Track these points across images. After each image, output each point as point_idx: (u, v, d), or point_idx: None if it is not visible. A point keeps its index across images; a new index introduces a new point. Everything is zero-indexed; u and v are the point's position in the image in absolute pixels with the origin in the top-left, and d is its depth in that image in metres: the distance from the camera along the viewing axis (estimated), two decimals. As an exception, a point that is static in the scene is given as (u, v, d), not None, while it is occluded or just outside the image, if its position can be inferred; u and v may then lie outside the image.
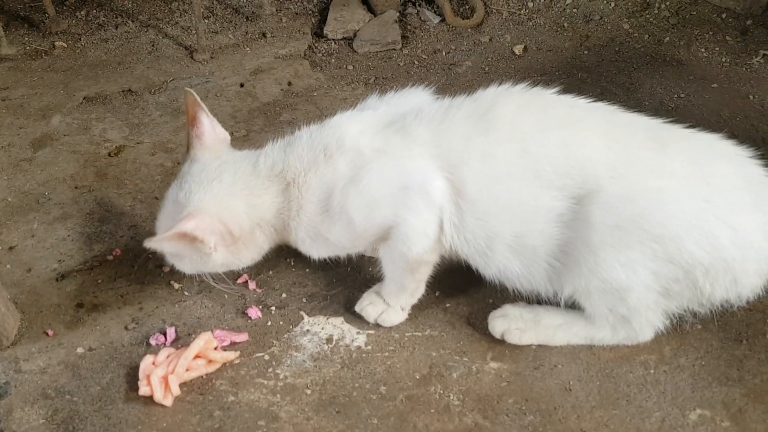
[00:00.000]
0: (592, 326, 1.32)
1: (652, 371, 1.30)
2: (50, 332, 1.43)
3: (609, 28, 2.43)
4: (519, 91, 1.29)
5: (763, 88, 2.07)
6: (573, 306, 1.33)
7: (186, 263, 1.36)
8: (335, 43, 2.45)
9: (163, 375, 1.28)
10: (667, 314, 1.27)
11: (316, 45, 2.44)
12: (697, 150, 1.23)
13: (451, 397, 1.28)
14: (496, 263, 1.28)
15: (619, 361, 1.32)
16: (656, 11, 2.47)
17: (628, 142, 1.21)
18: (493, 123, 1.24)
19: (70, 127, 2.04)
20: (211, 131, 1.42)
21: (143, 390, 1.27)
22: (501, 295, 1.44)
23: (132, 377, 1.33)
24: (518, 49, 2.35)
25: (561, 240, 1.22)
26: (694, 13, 2.48)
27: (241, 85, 2.22)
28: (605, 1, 2.53)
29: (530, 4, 2.56)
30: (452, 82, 2.22)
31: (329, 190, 1.28)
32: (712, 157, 1.24)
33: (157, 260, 1.58)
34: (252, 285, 1.53)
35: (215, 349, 1.35)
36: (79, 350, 1.40)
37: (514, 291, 1.35)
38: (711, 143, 1.29)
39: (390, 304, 1.40)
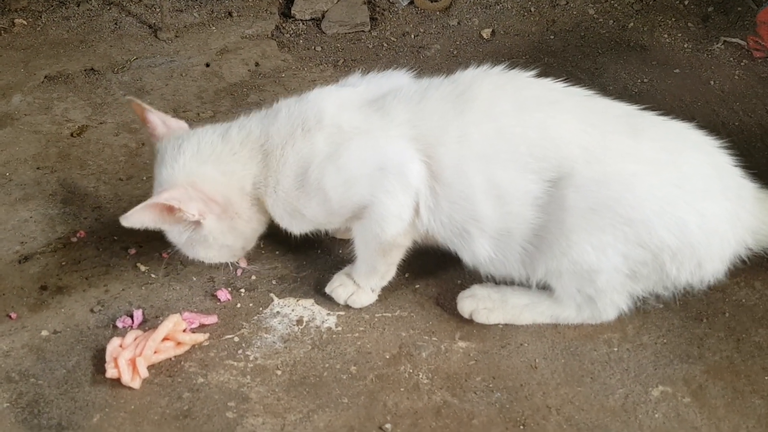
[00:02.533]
0: (558, 305, 1.34)
1: (615, 349, 1.33)
2: (13, 315, 1.39)
3: (575, 13, 2.45)
4: (496, 73, 1.29)
5: (724, 74, 2.12)
6: (543, 288, 1.35)
7: (200, 248, 1.36)
8: (303, 23, 2.41)
9: (131, 357, 1.26)
10: (632, 296, 1.30)
11: (284, 25, 2.41)
12: (669, 137, 1.25)
13: (420, 376, 1.29)
14: (471, 247, 1.28)
15: (583, 339, 1.35)
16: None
17: (604, 127, 1.23)
18: (469, 103, 1.24)
19: (31, 106, 1.98)
20: (162, 126, 1.42)
21: (110, 372, 1.25)
22: (469, 276, 1.45)
23: (99, 360, 1.30)
24: (486, 33, 2.35)
25: (535, 224, 1.23)
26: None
27: (207, 65, 2.18)
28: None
29: (498, -12, 2.56)
30: (421, 66, 2.21)
31: (306, 165, 1.27)
32: (684, 144, 1.27)
33: (122, 242, 1.56)
34: (243, 263, 1.51)
35: (184, 331, 1.33)
36: (44, 333, 1.37)
37: (487, 275, 1.37)
38: (682, 131, 1.31)
39: (360, 286, 1.40)
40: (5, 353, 1.32)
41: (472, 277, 1.44)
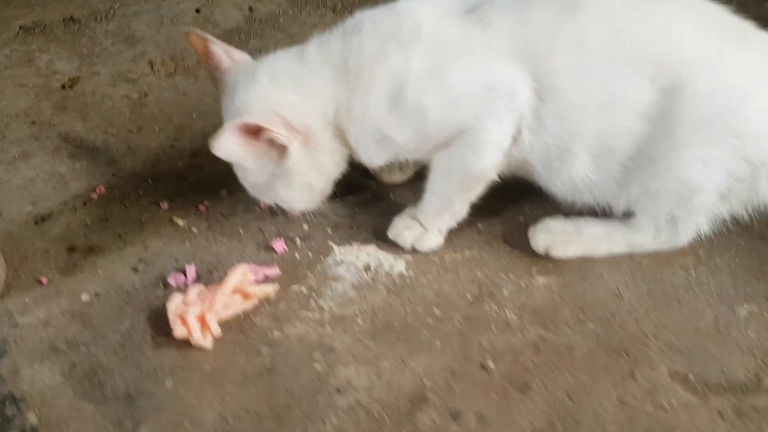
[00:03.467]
0: (635, 232, 1.28)
1: (693, 273, 1.29)
2: (44, 280, 1.22)
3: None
4: None
5: None
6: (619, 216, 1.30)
7: (282, 188, 1.21)
8: (292, -33, 2.26)
9: (200, 313, 1.13)
10: (715, 217, 1.26)
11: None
12: None
13: (508, 314, 1.21)
14: (569, 170, 1.19)
15: (659, 266, 1.30)
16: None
17: (717, 33, 1.14)
18: (581, 5, 1.12)
19: (9, 59, 1.75)
20: (227, 58, 1.25)
21: (179, 332, 1.11)
22: (531, 212, 1.38)
23: (156, 321, 1.15)
24: None
25: (641, 138, 1.14)
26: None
27: (198, 11, 1.98)
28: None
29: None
30: None
31: (401, 83, 1.14)
32: None
33: (150, 197, 1.39)
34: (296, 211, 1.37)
35: (252, 282, 1.20)
36: (84, 297, 1.20)
37: (568, 203, 1.29)
38: None
39: (427, 228, 1.30)
40: (44, 322, 1.15)
41: (535, 213, 1.37)
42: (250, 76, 1.16)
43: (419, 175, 1.38)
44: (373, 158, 1.24)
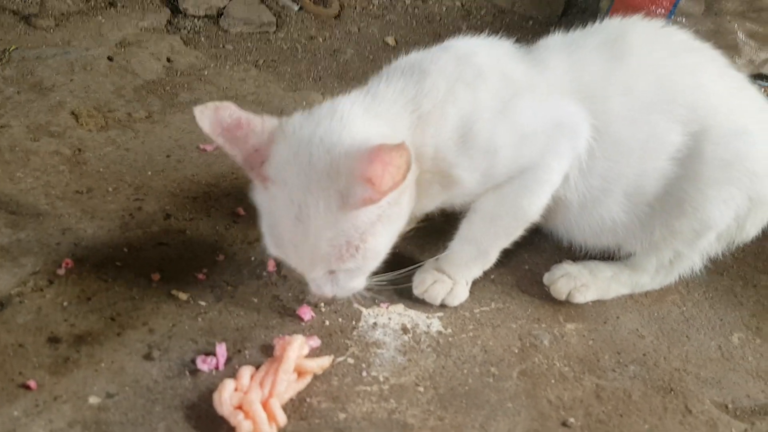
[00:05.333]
0: (636, 273, 1.30)
1: (684, 308, 1.35)
2: (31, 384, 0.90)
3: (451, 28, 2.50)
4: (640, 20, 1.18)
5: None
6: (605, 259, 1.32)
7: (381, 233, 0.98)
8: (198, 19, 2.04)
9: (263, 400, 0.90)
10: (706, 256, 1.32)
11: (177, 20, 2.00)
12: (758, 95, 1.31)
13: (558, 365, 1.15)
14: (600, 212, 1.17)
15: (657, 304, 1.34)
16: (478, 17, 2.63)
17: (728, 82, 1.20)
18: (627, 52, 1.12)
19: None
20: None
21: (245, 428, 0.87)
22: (531, 260, 1.36)
23: (198, 418, 0.90)
24: (391, 40, 2.26)
25: (670, 179, 1.16)
26: (508, 20, 2.70)
27: (110, 59, 1.70)
28: (438, 4, 2.60)
29: (375, 1, 2.50)
30: (343, 69, 2.03)
31: (471, 123, 1.04)
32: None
33: (134, 268, 1.12)
34: (271, 266, 1.19)
35: (304, 356, 1.00)
36: (92, 400, 0.90)
37: (578, 248, 1.28)
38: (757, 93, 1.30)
39: (456, 280, 1.21)
40: (47, 440, 0.84)
41: (535, 261, 1.35)
42: (334, 115, 0.98)
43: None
44: (427, 204, 1.12)
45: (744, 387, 1.18)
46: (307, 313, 1.12)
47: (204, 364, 0.98)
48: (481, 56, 1.10)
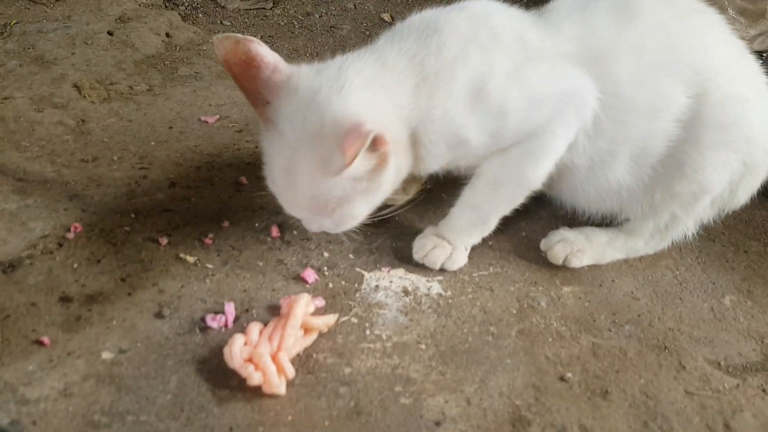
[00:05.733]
0: (632, 238, 1.33)
1: (677, 272, 1.38)
2: (45, 340, 0.92)
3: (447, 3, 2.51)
4: None
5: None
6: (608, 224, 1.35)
7: (362, 202, 1.03)
8: (196, -4, 2.05)
9: (272, 354, 0.93)
10: (699, 221, 1.35)
11: (174, -4, 2.02)
12: (754, 64, 1.31)
13: (555, 324, 1.18)
14: (607, 175, 1.19)
15: (651, 269, 1.37)
16: None
17: (731, 48, 1.21)
18: (637, 13, 1.13)
19: None
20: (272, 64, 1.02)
21: (255, 379, 0.90)
22: (529, 227, 1.39)
23: (209, 372, 0.93)
24: (387, 17, 2.28)
25: (674, 141, 1.17)
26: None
27: (110, 33, 1.71)
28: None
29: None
30: (340, 45, 2.04)
31: (483, 85, 1.06)
32: (759, 71, 1.28)
33: (142, 233, 1.14)
34: (275, 232, 1.21)
35: (311, 314, 1.02)
36: (105, 355, 0.93)
37: (583, 213, 1.30)
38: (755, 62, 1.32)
39: (455, 245, 1.24)
40: (63, 392, 0.86)
41: (532, 228, 1.38)
42: (337, 80, 1.00)
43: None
44: (431, 165, 1.14)
45: (736, 346, 1.21)
46: (311, 276, 1.14)
47: (213, 322, 1.00)
48: (497, 18, 1.11)
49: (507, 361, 1.08)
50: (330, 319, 1.04)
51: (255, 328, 0.97)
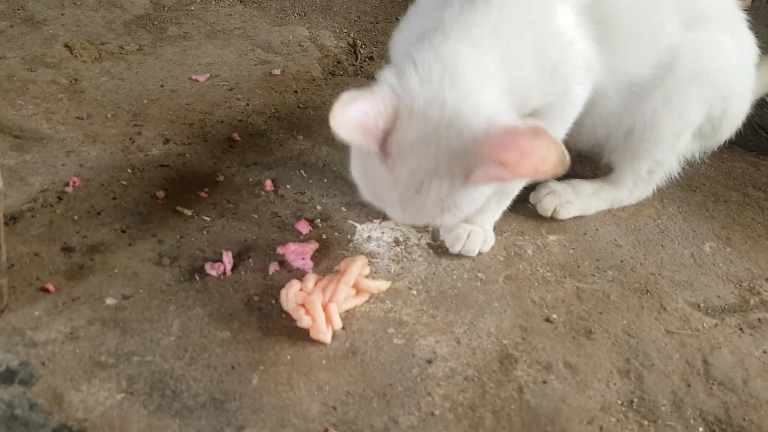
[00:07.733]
0: (616, 188, 1.37)
1: (659, 221, 1.42)
2: (49, 287, 0.95)
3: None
4: None
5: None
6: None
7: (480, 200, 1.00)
8: (182, -43, 2.04)
9: (324, 303, 0.98)
10: (682, 158, 1.38)
11: (161, -43, 2.00)
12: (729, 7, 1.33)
13: (541, 270, 1.22)
14: (605, 108, 1.23)
15: (633, 218, 1.41)
16: None
17: None
18: None
19: None
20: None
21: (305, 322, 0.95)
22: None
23: (210, 316, 0.96)
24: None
25: (663, 68, 1.21)
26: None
27: (100, -5, 1.71)
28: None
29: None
30: (327, 4, 2.03)
31: (543, 49, 1.07)
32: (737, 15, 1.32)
33: (139, 187, 1.16)
34: (268, 186, 1.24)
35: (365, 276, 1.06)
36: (109, 301, 0.96)
37: (580, 147, 1.33)
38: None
39: (485, 226, 1.24)
40: (70, 336, 0.90)
41: (520, 181, 1.42)
42: (454, 88, 0.93)
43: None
44: None
45: (715, 289, 1.26)
46: (305, 227, 1.17)
47: (212, 270, 1.04)
48: None
49: (495, 305, 1.12)
50: (383, 285, 1.07)
51: (311, 277, 1.01)
